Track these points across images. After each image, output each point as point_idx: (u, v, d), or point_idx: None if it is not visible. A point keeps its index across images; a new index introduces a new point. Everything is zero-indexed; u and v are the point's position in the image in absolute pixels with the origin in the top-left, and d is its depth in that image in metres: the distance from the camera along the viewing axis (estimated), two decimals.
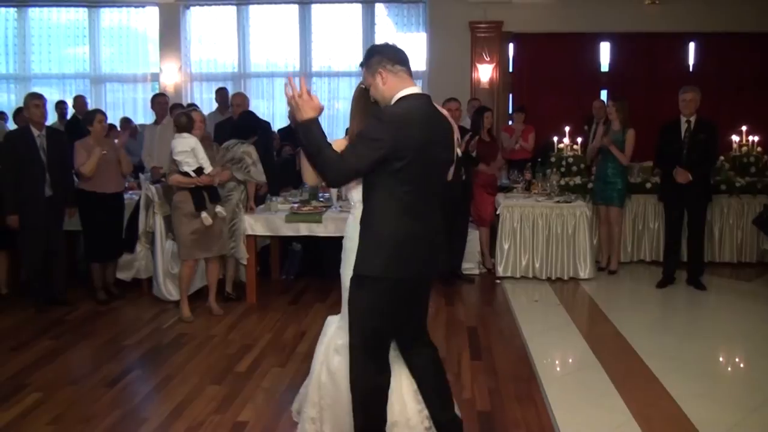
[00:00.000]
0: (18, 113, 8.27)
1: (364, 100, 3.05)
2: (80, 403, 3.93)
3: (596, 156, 6.92)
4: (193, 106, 7.79)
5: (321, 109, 2.71)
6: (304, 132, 2.68)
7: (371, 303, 2.81)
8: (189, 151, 5.44)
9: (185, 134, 5.48)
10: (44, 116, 5.86)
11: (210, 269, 5.79)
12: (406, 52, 2.86)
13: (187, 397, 4.00)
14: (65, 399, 3.97)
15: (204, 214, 5.48)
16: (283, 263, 7.04)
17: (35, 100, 5.74)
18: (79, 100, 9.04)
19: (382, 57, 2.80)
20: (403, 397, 3.11)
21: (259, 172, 5.86)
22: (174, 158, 5.46)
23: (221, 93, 8.57)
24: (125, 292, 6.23)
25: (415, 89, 2.80)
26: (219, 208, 5.64)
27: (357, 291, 2.85)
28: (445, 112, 2.94)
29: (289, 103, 2.70)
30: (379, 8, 10.49)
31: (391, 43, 2.92)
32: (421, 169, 2.70)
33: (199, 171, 5.48)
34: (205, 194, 5.53)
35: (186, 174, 5.46)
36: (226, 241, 5.83)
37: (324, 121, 9.90)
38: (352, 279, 2.87)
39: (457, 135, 3.00)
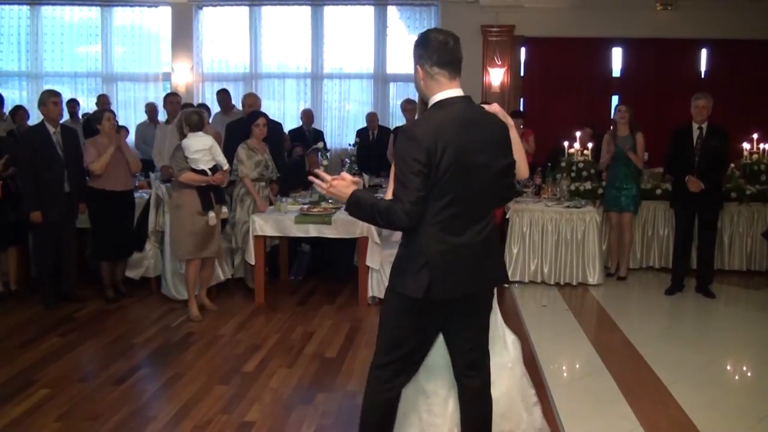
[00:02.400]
0: (17, 111, 8.32)
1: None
2: (88, 400, 3.96)
3: (609, 164, 6.88)
4: (203, 107, 7.85)
5: (356, 182, 2.64)
6: (353, 209, 2.60)
7: (402, 322, 2.66)
8: (206, 149, 5.47)
9: (200, 133, 5.50)
10: (61, 114, 5.94)
11: (206, 267, 5.81)
12: (453, 49, 2.60)
13: (194, 397, 4.01)
14: (73, 396, 4.00)
15: (211, 214, 5.51)
16: (292, 264, 7.05)
17: (53, 97, 5.78)
18: (102, 99, 9.11)
19: (423, 53, 2.60)
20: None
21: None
22: (189, 157, 5.47)
23: (223, 95, 8.52)
24: (134, 290, 6.25)
25: (451, 92, 2.60)
26: (224, 209, 5.70)
27: (388, 306, 2.71)
28: (496, 109, 2.81)
29: (329, 194, 2.65)
30: (392, 10, 10.50)
31: (440, 37, 2.60)
32: (459, 181, 2.52)
33: (213, 170, 5.51)
34: (212, 194, 5.57)
35: (200, 172, 5.48)
36: (221, 241, 5.89)
37: (334, 122, 9.95)
38: (386, 293, 2.74)
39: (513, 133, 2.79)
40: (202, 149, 5.47)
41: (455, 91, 2.61)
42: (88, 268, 6.51)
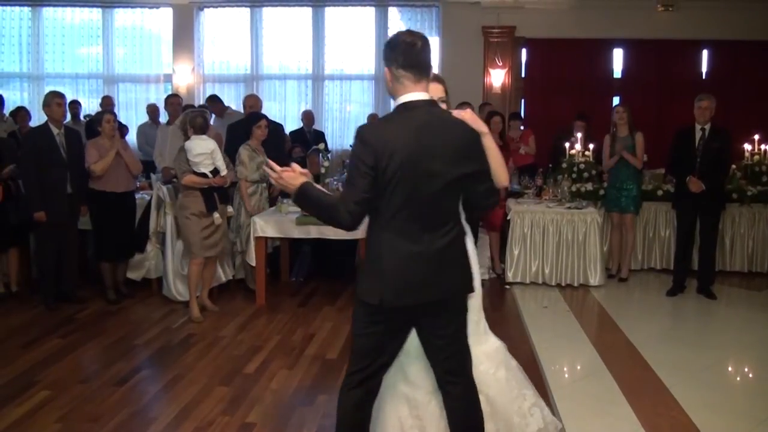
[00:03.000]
0: (18, 112, 8.34)
1: None
2: (89, 401, 3.96)
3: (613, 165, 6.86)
4: (204, 108, 7.84)
5: (306, 174, 2.64)
6: (300, 201, 2.62)
7: (366, 329, 2.63)
8: (208, 153, 5.50)
9: (203, 136, 5.54)
10: (65, 115, 5.97)
11: (207, 268, 5.83)
12: (420, 51, 2.54)
13: (195, 398, 4.01)
14: (74, 397, 4.00)
15: (216, 215, 5.56)
16: (293, 265, 7.04)
17: (57, 98, 5.80)
18: (106, 101, 9.13)
19: (390, 54, 2.57)
20: None
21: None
22: (190, 159, 5.49)
23: (212, 101, 8.33)
24: (135, 291, 6.25)
25: (415, 96, 2.55)
26: (229, 208, 5.76)
27: (354, 313, 2.69)
28: (465, 115, 2.67)
29: (278, 184, 2.66)
30: (393, 12, 10.50)
31: (408, 39, 2.55)
32: (410, 187, 2.47)
33: (214, 172, 5.54)
34: (216, 195, 5.58)
35: (201, 174, 5.52)
36: (227, 242, 5.93)
37: (335, 124, 9.93)
38: (354, 300, 2.75)
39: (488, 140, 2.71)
40: (204, 153, 5.50)
41: (419, 95, 2.56)
42: (90, 270, 6.52)
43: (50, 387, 4.13)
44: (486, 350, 3.12)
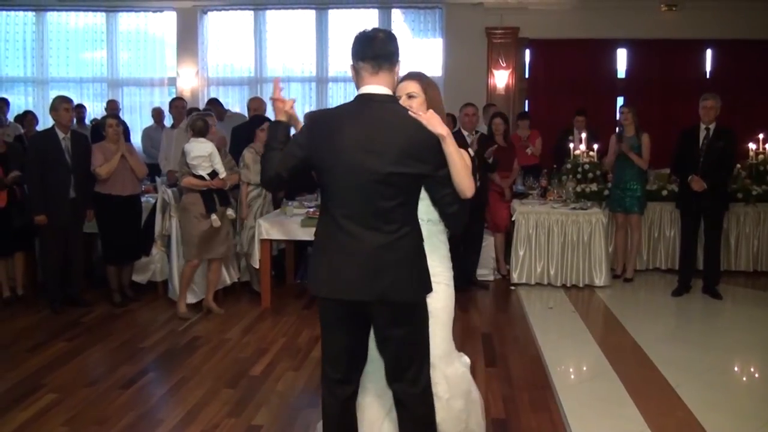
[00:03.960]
0: (26, 116, 8.40)
1: None
2: (95, 404, 3.96)
3: (614, 164, 6.86)
4: (208, 111, 7.85)
5: (289, 116, 2.67)
6: (269, 131, 2.70)
7: (322, 323, 2.63)
8: (206, 156, 5.53)
9: (201, 139, 5.58)
10: (72, 120, 5.99)
11: (212, 270, 5.85)
12: (379, 43, 2.48)
13: (201, 400, 4.01)
14: (80, 400, 4.00)
15: (214, 217, 5.58)
16: (298, 267, 7.05)
17: (65, 103, 5.83)
18: (112, 105, 9.17)
19: (352, 47, 2.53)
20: None
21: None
22: (189, 162, 5.54)
23: (212, 105, 8.27)
24: (140, 294, 6.27)
25: (371, 89, 2.48)
26: (229, 211, 5.77)
27: None
28: (424, 117, 2.47)
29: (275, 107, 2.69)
30: (396, 14, 10.52)
31: (369, 33, 2.51)
32: (342, 180, 2.43)
33: (213, 174, 5.57)
34: (215, 197, 5.61)
35: (200, 177, 5.56)
36: (231, 244, 5.93)
37: None
38: None
39: (449, 142, 2.48)
40: (201, 155, 5.55)
41: (377, 88, 2.48)
42: (95, 273, 6.54)
43: (56, 390, 4.14)
44: (448, 373, 2.96)
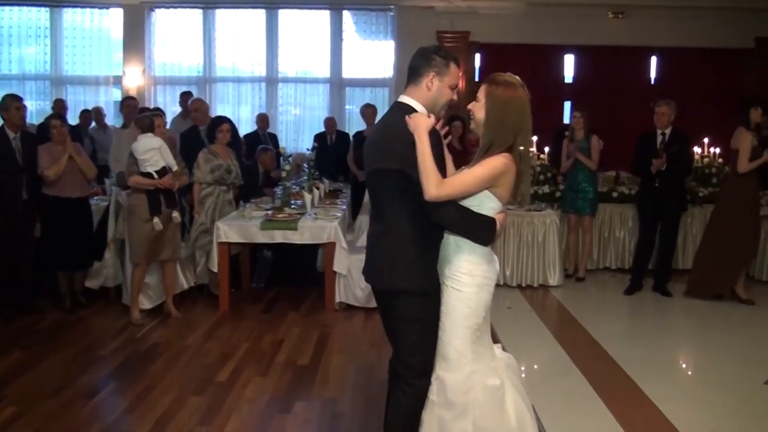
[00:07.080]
0: None
1: None
2: (60, 416, 3.81)
3: (570, 167, 7.01)
4: (158, 111, 7.69)
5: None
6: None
7: None
8: (156, 148, 5.44)
9: (149, 134, 5.49)
10: (23, 119, 5.74)
11: (167, 274, 5.74)
12: (411, 59, 2.83)
13: (169, 409, 3.92)
14: (44, 413, 3.85)
15: (156, 220, 5.45)
16: (254, 271, 6.96)
17: (17, 102, 5.63)
18: (59, 104, 8.86)
19: None
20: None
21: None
22: (138, 158, 5.43)
23: (186, 97, 8.40)
24: (93, 300, 6.07)
25: (400, 98, 2.83)
26: (175, 213, 5.63)
27: None
28: (410, 120, 2.63)
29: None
30: (347, 15, 10.50)
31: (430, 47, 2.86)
32: (368, 178, 2.83)
33: (162, 173, 5.44)
34: (162, 198, 5.50)
35: (147, 175, 5.43)
36: (178, 245, 5.80)
37: (290, 127, 9.80)
38: None
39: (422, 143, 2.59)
40: (152, 148, 5.45)
41: (401, 97, 2.82)
42: (45, 278, 6.30)
43: (17, 403, 3.96)
44: (445, 378, 2.81)
